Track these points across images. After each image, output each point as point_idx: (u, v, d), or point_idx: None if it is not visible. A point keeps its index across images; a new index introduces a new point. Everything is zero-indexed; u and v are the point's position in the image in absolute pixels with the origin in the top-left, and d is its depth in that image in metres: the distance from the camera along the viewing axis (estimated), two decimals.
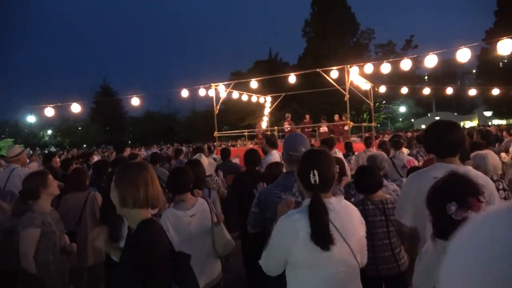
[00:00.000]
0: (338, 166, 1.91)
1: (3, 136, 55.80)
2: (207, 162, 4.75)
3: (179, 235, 2.60)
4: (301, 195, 2.38)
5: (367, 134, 11.52)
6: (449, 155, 2.19)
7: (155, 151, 15.51)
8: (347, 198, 2.87)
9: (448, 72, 46.67)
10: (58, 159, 7.76)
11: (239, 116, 42.04)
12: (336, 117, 15.69)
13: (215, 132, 13.66)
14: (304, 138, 2.52)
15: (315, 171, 1.69)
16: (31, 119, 37.46)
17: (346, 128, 13.80)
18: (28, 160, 6.91)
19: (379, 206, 2.81)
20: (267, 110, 18.61)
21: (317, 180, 1.69)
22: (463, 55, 8.47)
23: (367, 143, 6.72)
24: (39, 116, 29.16)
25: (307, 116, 16.44)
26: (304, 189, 1.80)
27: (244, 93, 16.39)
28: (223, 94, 13.99)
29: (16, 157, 5.00)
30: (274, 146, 5.79)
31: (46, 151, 33.01)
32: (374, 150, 6.55)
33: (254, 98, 17.35)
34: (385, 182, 3.56)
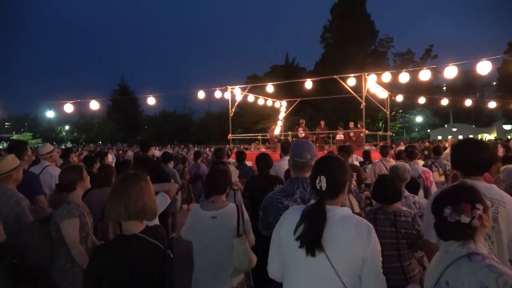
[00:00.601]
0: (355, 173, 1.89)
1: (22, 130, 57.18)
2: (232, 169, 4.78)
3: (196, 234, 2.63)
4: (302, 202, 2.38)
5: (382, 143, 11.40)
6: (475, 174, 2.20)
7: (167, 151, 15.66)
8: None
9: (467, 83, 45.82)
10: (75, 155, 7.95)
11: (253, 120, 42.10)
12: (351, 124, 15.58)
13: (229, 135, 13.72)
14: (310, 145, 2.52)
15: (322, 177, 1.68)
16: (49, 114, 38.30)
17: (361, 135, 13.72)
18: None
19: (390, 217, 2.77)
20: (281, 115, 18.60)
21: (323, 186, 1.67)
22: (484, 67, 8.34)
23: (383, 152, 6.67)
24: (58, 111, 29.80)
25: (322, 123, 16.38)
26: (314, 194, 1.80)
27: (260, 96, 16.43)
28: (238, 97, 14.05)
29: (48, 155, 5.05)
30: (288, 152, 5.82)
31: (63, 146, 33.70)
32: (390, 159, 6.50)
33: (269, 102, 17.38)
34: (406, 193, 3.53)
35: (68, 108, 11.88)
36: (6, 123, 71.25)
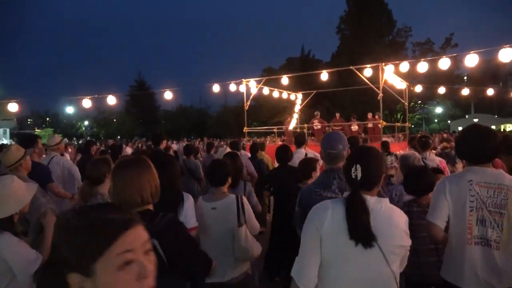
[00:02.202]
0: None
1: (44, 126, 58.58)
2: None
3: (200, 224, 2.65)
4: (300, 207, 2.35)
5: (399, 135, 11.20)
6: (482, 162, 2.15)
7: (188, 143, 15.80)
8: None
9: (490, 72, 44.43)
10: (95, 148, 8.12)
11: (269, 113, 42.00)
12: (370, 115, 15.35)
13: (245, 128, 13.72)
14: (341, 136, 2.51)
15: (358, 166, 1.65)
16: (69, 110, 39.12)
17: (379, 126, 13.53)
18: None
19: (425, 209, 2.63)
20: (297, 107, 18.47)
21: (359, 175, 1.64)
22: (507, 54, 8.04)
23: (412, 144, 6.61)
24: (77, 107, 30.39)
25: (337, 115, 16.24)
26: (347, 185, 1.77)
27: (275, 89, 16.33)
28: (254, 90, 14.00)
29: (56, 146, 5.25)
30: (301, 144, 5.89)
31: (81, 141, 34.39)
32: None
33: (285, 95, 17.27)
34: None
35: (86, 103, 12.06)
36: (29, 120, 73.13)
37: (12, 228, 2.20)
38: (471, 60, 8.77)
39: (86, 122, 61.74)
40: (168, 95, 12.82)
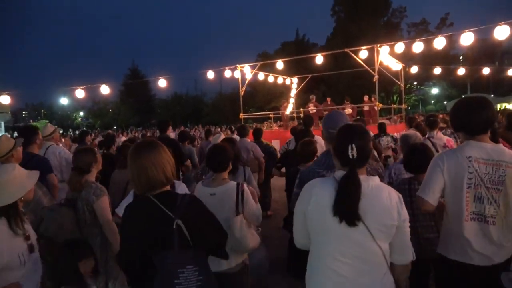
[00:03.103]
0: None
1: (39, 118, 58.25)
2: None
3: None
4: (299, 187, 2.31)
5: (395, 117, 11.19)
6: (479, 133, 2.10)
7: (183, 130, 15.76)
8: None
9: (486, 52, 44.25)
10: (90, 137, 8.17)
11: (265, 99, 41.83)
12: (366, 98, 15.30)
13: (241, 114, 13.65)
14: (344, 115, 2.46)
15: (353, 145, 1.65)
16: (64, 101, 38.84)
17: (375, 109, 13.53)
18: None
19: None
20: (293, 92, 18.38)
21: (355, 155, 1.65)
22: (502, 32, 7.97)
23: (410, 124, 6.64)
24: (71, 98, 30.13)
25: (328, 99, 16.27)
26: (339, 164, 1.76)
27: (270, 74, 16.20)
28: (248, 76, 13.89)
29: (50, 136, 5.16)
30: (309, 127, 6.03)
31: (77, 132, 34.24)
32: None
33: (280, 80, 17.14)
34: None
35: (79, 93, 11.92)
36: (24, 112, 72.62)
37: (17, 215, 2.22)
38: (467, 38, 8.70)
39: (82, 113, 61.34)
40: (162, 83, 12.69)
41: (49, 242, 2.58)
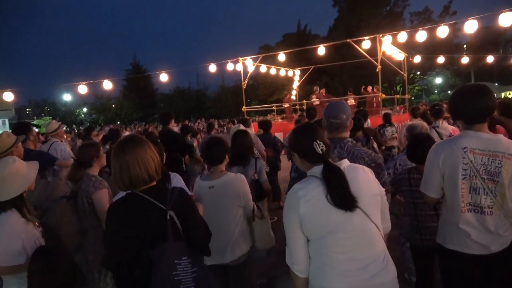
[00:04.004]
0: (372, 137, 1.85)
1: (42, 114, 58.46)
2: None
3: (202, 203, 2.63)
4: (296, 172, 2.30)
5: (397, 107, 11.13)
6: (477, 122, 2.06)
7: (185, 123, 15.76)
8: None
9: (490, 40, 43.79)
10: (95, 133, 8.24)
11: (268, 91, 41.71)
12: (369, 88, 15.22)
13: (243, 107, 13.62)
14: (345, 105, 2.44)
15: (319, 142, 1.73)
16: (67, 97, 38.93)
17: (378, 99, 13.46)
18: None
19: None
20: (295, 84, 18.29)
21: (324, 148, 1.73)
22: (506, 19, 7.87)
23: (414, 114, 6.56)
24: (74, 94, 30.21)
25: (322, 91, 16.21)
26: (308, 163, 1.79)
27: (272, 66, 16.13)
28: (251, 68, 13.83)
29: (55, 132, 5.23)
30: (312, 117, 6.21)
31: (81, 127, 34.39)
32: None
33: (282, 72, 17.06)
34: None
35: (82, 89, 11.93)
36: (27, 109, 72.87)
37: (23, 206, 2.29)
38: (470, 26, 8.60)
39: (85, 109, 61.47)
40: (163, 77, 12.68)
41: (50, 232, 2.62)
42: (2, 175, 2.25)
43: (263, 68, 15.35)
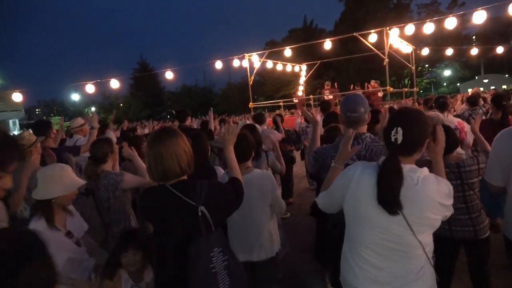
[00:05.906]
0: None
1: (52, 114, 59.00)
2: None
3: None
4: (358, 159, 2.22)
5: (406, 101, 11.01)
6: None
7: (204, 120, 15.76)
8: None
9: (499, 30, 43.11)
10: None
11: (275, 87, 41.62)
12: (372, 82, 15.11)
13: (250, 103, 13.60)
14: (363, 98, 2.35)
15: (399, 129, 1.53)
16: (75, 97, 39.25)
17: (379, 94, 13.35)
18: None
19: (454, 170, 2.52)
20: (302, 79, 18.21)
21: (399, 139, 1.52)
22: None
23: (428, 105, 6.48)
24: (82, 93, 30.45)
25: (325, 84, 16.04)
26: (386, 148, 1.65)
27: (278, 62, 16.07)
28: (257, 64, 13.79)
29: (79, 128, 5.32)
30: (326, 111, 6.13)
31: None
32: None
33: (289, 68, 16.98)
34: None
35: (90, 88, 11.99)
36: (37, 109, 73.56)
37: (53, 215, 2.25)
38: (479, 17, 8.45)
39: (93, 108, 61.96)
40: (169, 75, 12.69)
41: None
42: (52, 173, 2.29)
43: (269, 64, 15.29)
